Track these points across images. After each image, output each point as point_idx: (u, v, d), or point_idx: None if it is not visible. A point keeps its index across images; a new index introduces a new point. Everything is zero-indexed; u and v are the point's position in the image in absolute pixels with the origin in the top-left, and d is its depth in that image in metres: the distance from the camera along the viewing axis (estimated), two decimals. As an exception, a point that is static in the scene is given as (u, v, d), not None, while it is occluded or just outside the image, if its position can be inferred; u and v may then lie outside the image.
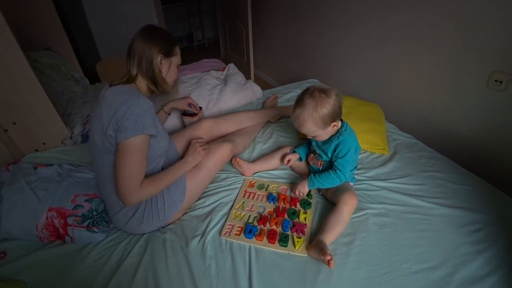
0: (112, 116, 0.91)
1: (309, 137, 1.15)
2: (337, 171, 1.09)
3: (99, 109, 0.95)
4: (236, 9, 3.09)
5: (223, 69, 2.23)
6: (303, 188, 1.15)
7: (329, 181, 1.11)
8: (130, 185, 0.93)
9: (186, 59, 3.12)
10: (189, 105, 1.45)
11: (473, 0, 1.29)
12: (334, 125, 1.07)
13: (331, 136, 1.12)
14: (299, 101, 1.06)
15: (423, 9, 1.50)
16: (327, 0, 2.17)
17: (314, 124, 1.03)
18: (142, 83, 1.06)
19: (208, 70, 2.21)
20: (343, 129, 1.11)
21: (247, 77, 3.01)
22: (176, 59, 1.10)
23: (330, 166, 1.15)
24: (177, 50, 1.10)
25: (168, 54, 1.05)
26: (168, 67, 1.08)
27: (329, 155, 1.13)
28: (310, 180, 1.14)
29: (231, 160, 1.31)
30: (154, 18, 3.49)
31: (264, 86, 3.05)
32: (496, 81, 1.29)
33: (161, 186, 1.03)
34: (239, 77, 2.07)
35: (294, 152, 1.29)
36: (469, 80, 1.40)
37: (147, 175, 1.00)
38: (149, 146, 0.98)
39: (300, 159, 1.28)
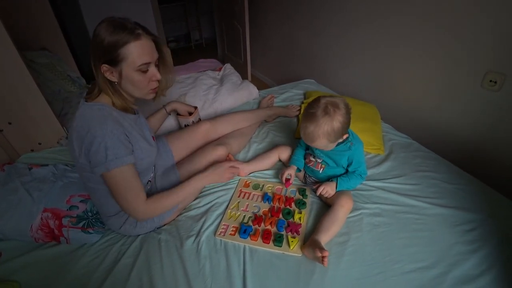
0: (81, 145, 0.85)
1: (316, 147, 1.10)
2: (362, 175, 1.13)
3: (71, 132, 0.88)
4: (233, 9, 3.09)
5: (220, 69, 2.23)
6: (332, 190, 1.10)
7: (355, 183, 1.13)
8: (131, 205, 0.92)
9: (184, 59, 3.13)
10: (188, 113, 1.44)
11: (467, 0, 1.30)
12: (343, 138, 1.06)
13: (339, 144, 1.09)
14: (311, 116, 0.99)
15: (419, 10, 1.51)
16: (324, 0, 2.17)
17: (327, 140, 1.01)
18: (106, 98, 0.92)
19: (205, 70, 2.21)
20: (351, 137, 1.10)
21: (244, 77, 3.01)
22: (130, 62, 0.85)
23: (332, 169, 1.15)
24: (129, 49, 0.83)
25: (112, 61, 0.84)
26: (119, 76, 0.87)
27: (339, 165, 1.13)
28: (340, 185, 1.10)
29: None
30: (151, 17, 3.49)
31: (261, 86, 3.06)
32: (490, 81, 1.29)
33: (172, 201, 1.01)
34: (235, 77, 2.07)
35: (290, 166, 1.24)
36: (464, 80, 1.41)
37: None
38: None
39: (299, 169, 1.25)
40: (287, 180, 1.18)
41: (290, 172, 1.20)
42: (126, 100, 0.94)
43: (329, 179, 1.15)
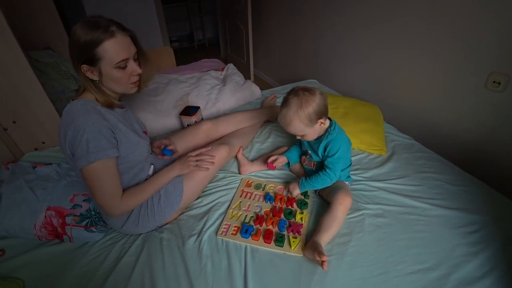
0: (65, 139, 0.86)
1: (298, 138, 1.14)
2: (327, 170, 1.09)
3: (59, 129, 0.90)
4: (236, 9, 3.10)
5: (222, 69, 2.23)
6: (294, 190, 1.16)
7: (319, 182, 1.11)
8: (107, 203, 0.91)
9: (187, 59, 3.14)
10: (164, 147, 1.20)
11: (472, 1, 1.29)
12: (321, 123, 1.07)
13: (321, 136, 1.12)
14: (285, 101, 1.06)
15: (422, 10, 1.50)
16: (327, 1, 2.17)
17: (301, 122, 1.03)
18: (90, 95, 0.92)
19: (207, 70, 2.22)
20: (332, 128, 1.11)
21: (247, 77, 3.02)
22: (108, 60, 0.86)
23: (322, 166, 1.15)
24: (105, 48, 0.84)
25: (90, 61, 0.85)
26: (99, 74, 0.88)
27: (320, 155, 1.13)
28: (301, 184, 1.14)
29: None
30: (155, 18, 3.51)
31: (264, 86, 3.06)
32: (494, 82, 1.29)
33: (144, 196, 1.01)
34: (238, 77, 2.08)
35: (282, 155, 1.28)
36: (467, 81, 1.40)
37: (132, 184, 0.99)
38: (122, 157, 0.94)
39: (288, 164, 1.27)
40: (270, 165, 1.25)
41: (279, 158, 1.25)
42: (110, 97, 0.95)
43: None
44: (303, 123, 1.04)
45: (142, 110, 1.65)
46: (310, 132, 1.09)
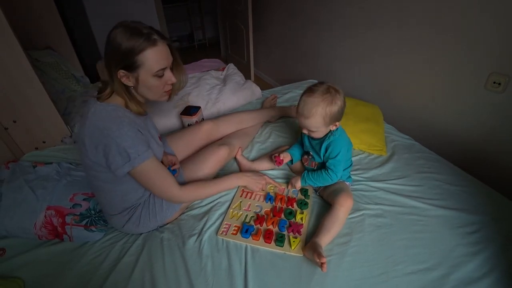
0: (97, 145, 0.85)
1: (304, 132, 1.10)
2: (329, 171, 1.10)
3: (83, 130, 0.87)
4: (236, 9, 3.10)
5: (223, 69, 2.23)
6: (296, 183, 1.18)
7: (320, 181, 1.12)
8: (166, 193, 0.98)
9: (187, 59, 3.14)
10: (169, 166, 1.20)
11: (471, 1, 1.29)
12: (335, 126, 1.07)
13: (323, 136, 1.12)
14: (314, 91, 1.01)
15: (422, 11, 1.50)
16: (327, 2, 2.17)
17: (323, 118, 1.01)
18: (119, 99, 0.92)
19: (208, 70, 2.22)
20: (334, 129, 1.10)
21: (247, 77, 3.02)
22: (147, 68, 0.86)
23: (323, 167, 1.15)
24: (146, 55, 0.84)
25: (130, 67, 0.85)
26: (136, 81, 0.88)
27: (321, 156, 1.13)
28: (302, 178, 1.16)
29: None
30: (155, 18, 3.50)
31: (264, 86, 3.06)
32: (494, 82, 1.29)
33: (206, 191, 1.11)
34: (239, 77, 2.08)
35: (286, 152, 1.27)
36: (467, 81, 1.40)
37: (141, 188, 1.01)
38: None
39: (291, 161, 1.27)
40: (279, 158, 1.21)
41: (284, 155, 1.23)
42: (142, 104, 0.97)
43: None
44: (324, 120, 1.01)
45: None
46: (323, 130, 1.07)
